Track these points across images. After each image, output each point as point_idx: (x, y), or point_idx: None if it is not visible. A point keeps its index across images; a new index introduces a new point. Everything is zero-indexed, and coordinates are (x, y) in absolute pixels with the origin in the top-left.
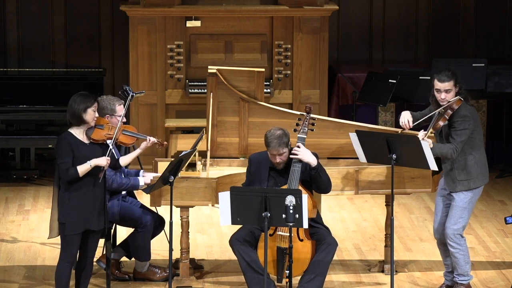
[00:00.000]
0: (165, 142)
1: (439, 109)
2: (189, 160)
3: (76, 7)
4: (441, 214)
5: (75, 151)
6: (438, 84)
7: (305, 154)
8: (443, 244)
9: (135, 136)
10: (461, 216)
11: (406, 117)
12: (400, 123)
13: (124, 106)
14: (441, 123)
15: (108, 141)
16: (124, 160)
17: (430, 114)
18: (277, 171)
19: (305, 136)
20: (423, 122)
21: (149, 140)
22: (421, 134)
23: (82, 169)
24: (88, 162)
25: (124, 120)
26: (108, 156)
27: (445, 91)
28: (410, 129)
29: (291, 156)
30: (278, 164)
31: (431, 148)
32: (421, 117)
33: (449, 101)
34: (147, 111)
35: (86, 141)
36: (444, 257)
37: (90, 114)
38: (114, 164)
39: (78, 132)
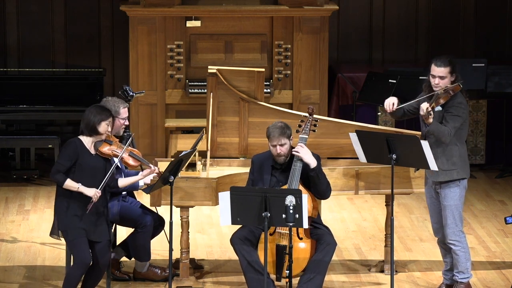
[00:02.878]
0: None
1: (438, 90)
2: (189, 160)
3: (76, 7)
4: (435, 213)
5: (80, 158)
6: (434, 69)
7: (306, 153)
8: (443, 242)
9: (140, 160)
10: (455, 213)
11: (391, 101)
12: (385, 106)
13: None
14: (442, 101)
15: (115, 159)
16: (122, 182)
17: (419, 98)
18: (279, 170)
19: (307, 137)
20: (408, 106)
21: (153, 169)
22: (424, 105)
23: (70, 184)
24: (78, 184)
25: (127, 123)
26: (109, 173)
27: (439, 77)
28: (394, 113)
29: (293, 152)
30: (279, 156)
31: (431, 124)
32: (414, 107)
33: (447, 86)
34: (147, 111)
35: (92, 151)
36: (444, 254)
37: (104, 127)
38: (112, 183)
39: (87, 141)
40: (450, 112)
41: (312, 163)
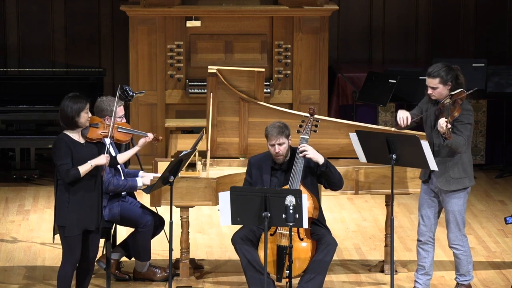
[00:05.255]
0: (160, 137)
1: (446, 102)
2: (189, 160)
3: (76, 7)
4: (428, 215)
5: (73, 152)
6: (426, 79)
7: (314, 152)
8: (425, 244)
9: (131, 132)
10: (459, 218)
11: (404, 114)
12: (398, 120)
13: (117, 104)
14: (456, 114)
15: (106, 140)
16: (122, 157)
17: (427, 113)
18: (279, 171)
19: (308, 137)
20: (420, 120)
21: (149, 137)
22: (442, 121)
23: (84, 169)
24: (88, 162)
25: (124, 120)
26: (106, 153)
27: (430, 87)
28: (406, 127)
29: (301, 154)
30: (278, 155)
31: (451, 140)
32: (417, 115)
33: (451, 95)
34: (147, 111)
35: (82, 141)
36: (422, 257)
37: (84, 117)
38: (112, 162)
39: (73, 134)
40: (460, 121)
41: (320, 159)
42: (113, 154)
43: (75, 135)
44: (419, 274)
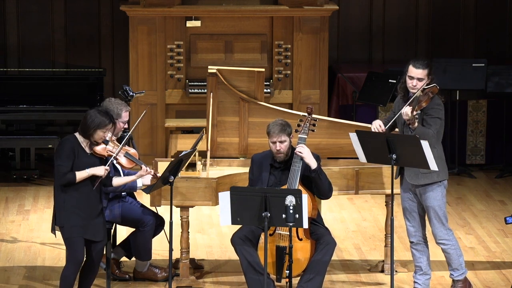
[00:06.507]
0: (158, 174)
1: (417, 94)
2: (189, 160)
3: (76, 7)
4: (412, 216)
5: (75, 157)
6: (412, 71)
7: (308, 154)
8: (418, 245)
9: (135, 162)
10: (440, 213)
11: (377, 123)
12: (373, 129)
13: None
14: (424, 104)
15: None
16: (116, 181)
17: (402, 111)
18: (278, 169)
19: (306, 137)
20: (393, 122)
21: (145, 170)
22: (408, 109)
23: (80, 175)
24: (86, 170)
25: (126, 126)
26: (112, 158)
27: (417, 78)
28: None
29: (296, 152)
30: (279, 153)
31: (416, 128)
32: (391, 119)
33: (424, 88)
34: (147, 111)
35: (87, 150)
36: (417, 258)
37: (99, 135)
38: (106, 181)
39: (82, 140)
40: (429, 114)
41: (313, 164)
42: (120, 170)
43: (84, 142)
44: (417, 275)
